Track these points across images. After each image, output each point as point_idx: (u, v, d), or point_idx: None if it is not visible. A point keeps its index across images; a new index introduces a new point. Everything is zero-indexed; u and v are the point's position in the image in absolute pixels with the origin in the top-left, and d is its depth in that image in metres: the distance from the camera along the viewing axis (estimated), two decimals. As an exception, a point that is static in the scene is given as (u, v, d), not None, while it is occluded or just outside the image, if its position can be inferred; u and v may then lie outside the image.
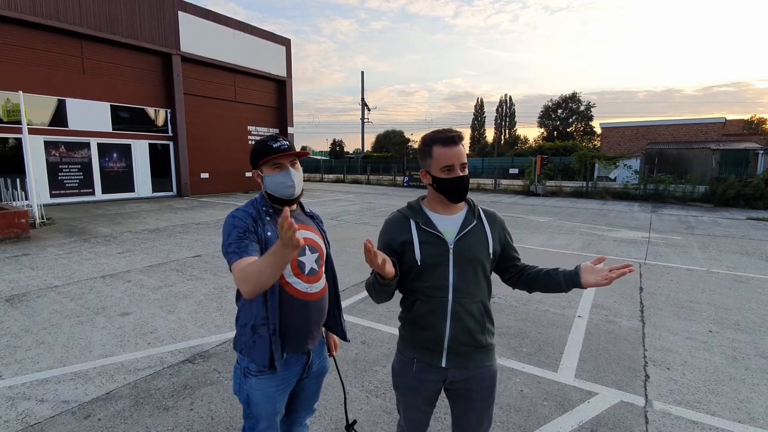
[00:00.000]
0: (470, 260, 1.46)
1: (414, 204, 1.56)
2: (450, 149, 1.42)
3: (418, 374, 1.53)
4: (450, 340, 1.47)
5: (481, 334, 1.50)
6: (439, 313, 1.47)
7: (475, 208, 1.55)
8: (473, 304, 1.48)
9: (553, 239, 8.56)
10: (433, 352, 1.50)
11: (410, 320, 1.54)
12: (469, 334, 1.48)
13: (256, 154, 1.56)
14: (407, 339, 1.57)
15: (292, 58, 21.47)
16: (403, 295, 1.58)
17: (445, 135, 1.43)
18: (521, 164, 29.33)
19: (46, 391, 2.85)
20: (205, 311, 4.39)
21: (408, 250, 1.47)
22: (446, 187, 1.45)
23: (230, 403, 2.73)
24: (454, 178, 1.43)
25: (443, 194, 1.47)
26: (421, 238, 1.47)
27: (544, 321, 4.23)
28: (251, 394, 1.54)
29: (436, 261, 1.45)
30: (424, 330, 1.50)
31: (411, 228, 1.49)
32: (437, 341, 1.48)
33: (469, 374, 1.51)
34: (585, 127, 61.83)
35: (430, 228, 1.47)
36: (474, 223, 1.50)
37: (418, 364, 1.53)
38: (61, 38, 13.41)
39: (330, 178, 31.92)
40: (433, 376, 1.52)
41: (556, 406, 2.75)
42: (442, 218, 1.50)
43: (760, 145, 23.98)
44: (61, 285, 5.18)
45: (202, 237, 8.38)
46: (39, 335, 3.73)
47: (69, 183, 14.02)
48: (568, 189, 19.56)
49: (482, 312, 1.50)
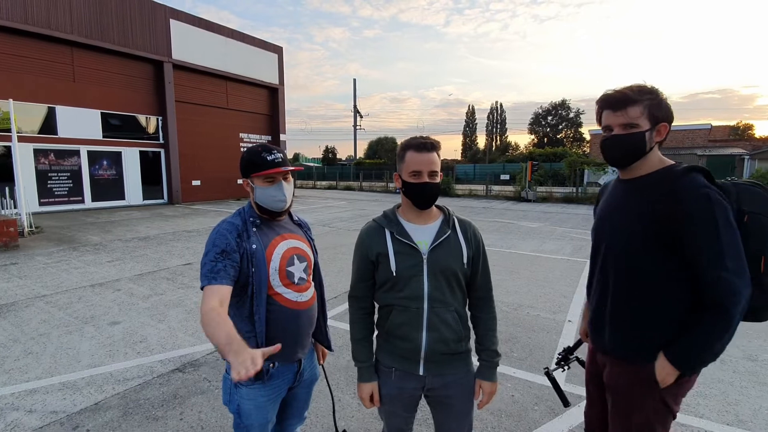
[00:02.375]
0: (444, 271, 1.46)
1: (389, 213, 1.56)
2: (421, 155, 1.43)
3: (397, 383, 1.54)
4: (426, 350, 1.48)
5: (458, 342, 1.51)
6: (414, 323, 1.47)
7: (450, 217, 1.55)
8: (448, 313, 1.48)
9: (544, 244, 8.63)
10: (411, 361, 1.51)
11: (386, 330, 1.53)
12: (444, 342, 1.48)
13: (249, 164, 1.53)
14: (384, 349, 1.57)
15: (284, 65, 21.55)
16: (379, 306, 1.59)
17: (418, 141, 1.46)
18: (512, 170, 29.60)
19: (34, 402, 2.81)
20: (196, 320, 4.36)
21: (383, 261, 1.48)
22: (413, 191, 1.46)
23: (221, 412, 2.71)
24: (419, 184, 1.44)
25: (410, 199, 1.48)
26: (396, 249, 1.47)
27: (535, 326, 4.26)
28: (242, 404, 1.53)
29: (411, 272, 1.46)
30: (401, 340, 1.50)
31: (386, 238, 1.49)
32: (414, 351, 1.49)
33: (446, 380, 1.52)
34: (574, 134, 62.63)
35: (404, 238, 1.47)
36: (448, 233, 1.49)
37: (397, 373, 1.54)
38: (52, 46, 13.35)
39: (322, 184, 31.92)
40: (412, 384, 1.53)
41: (547, 411, 2.77)
42: (416, 228, 1.51)
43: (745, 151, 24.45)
44: (49, 294, 5.12)
45: (193, 245, 8.32)
46: (27, 345, 3.68)
47: (58, 191, 13.88)
48: (559, 195, 19.74)
49: (457, 320, 1.50)
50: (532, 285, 5.71)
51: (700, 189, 1.24)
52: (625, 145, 1.37)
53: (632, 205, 1.39)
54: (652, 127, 1.34)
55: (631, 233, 1.37)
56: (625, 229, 1.39)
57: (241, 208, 1.59)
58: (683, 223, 1.24)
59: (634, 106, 1.32)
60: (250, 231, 1.51)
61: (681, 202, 1.25)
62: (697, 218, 1.23)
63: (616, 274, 1.43)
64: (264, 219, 1.57)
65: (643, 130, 1.33)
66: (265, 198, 1.53)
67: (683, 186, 1.27)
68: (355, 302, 1.61)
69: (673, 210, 1.26)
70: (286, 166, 1.53)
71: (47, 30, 12.91)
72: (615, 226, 1.45)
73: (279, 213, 1.59)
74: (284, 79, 21.57)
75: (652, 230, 1.30)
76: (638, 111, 1.32)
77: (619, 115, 1.35)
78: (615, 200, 1.49)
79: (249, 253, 1.47)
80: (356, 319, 1.60)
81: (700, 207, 1.23)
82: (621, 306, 1.43)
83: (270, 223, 1.59)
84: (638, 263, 1.36)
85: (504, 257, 7.43)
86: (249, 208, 1.58)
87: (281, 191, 1.53)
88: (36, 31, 12.69)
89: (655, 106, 1.33)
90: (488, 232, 10.19)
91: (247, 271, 1.46)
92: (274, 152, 1.52)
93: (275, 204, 1.54)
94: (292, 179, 1.59)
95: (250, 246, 1.47)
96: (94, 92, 14.50)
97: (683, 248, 1.27)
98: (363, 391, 1.57)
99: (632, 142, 1.35)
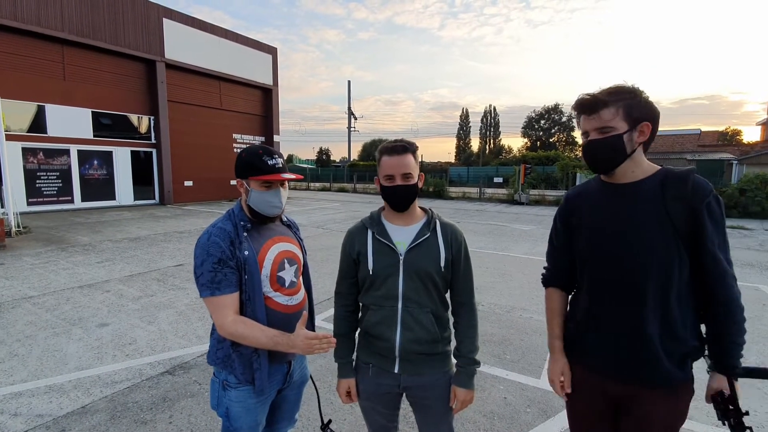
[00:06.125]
0: (418, 272, 1.49)
1: (374, 214, 1.62)
2: (391, 158, 1.48)
3: (374, 378, 1.59)
4: (401, 349, 1.50)
5: (432, 343, 1.51)
6: (389, 321, 1.51)
7: (432, 220, 1.56)
8: (423, 314, 1.50)
9: (536, 247, 8.67)
10: (387, 359, 1.55)
11: (364, 328, 1.59)
12: (418, 342, 1.50)
13: (247, 166, 1.48)
14: (362, 345, 1.63)
15: (278, 66, 21.47)
16: (362, 306, 1.63)
17: (390, 145, 1.51)
18: (506, 173, 29.76)
19: (19, 405, 2.75)
20: (187, 321, 4.31)
21: (362, 260, 1.54)
22: (387, 194, 1.52)
23: (210, 415, 2.67)
24: (392, 187, 1.49)
25: (386, 201, 1.54)
26: (375, 248, 1.52)
27: (528, 328, 4.27)
28: (231, 407, 1.51)
29: (387, 272, 1.50)
30: (376, 338, 1.54)
31: (367, 238, 1.55)
32: (389, 349, 1.52)
33: (423, 381, 1.54)
34: (567, 138, 63.22)
35: (383, 238, 1.52)
36: (427, 235, 1.51)
37: (374, 369, 1.58)
38: (42, 43, 13.17)
39: (316, 186, 31.79)
40: (388, 381, 1.56)
41: (539, 413, 2.77)
42: (397, 229, 1.55)
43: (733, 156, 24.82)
44: (36, 295, 5.03)
45: (185, 246, 8.24)
46: (13, 347, 3.61)
47: (47, 190, 13.68)
48: (551, 198, 19.86)
49: (433, 322, 1.51)
50: (525, 288, 5.72)
51: (710, 187, 1.26)
52: (602, 149, 1.33)
53: (646, 212, 1.30)
54: (631, 128, 1.30)
55: (660, 242, 1.27)
56: (654, 238, 1.28)
57: (230, 210, 1.55)
58: (704, 222, 1.24)
59: (605, 108, 1.29)
60: (242, 237, 1.47)
61: (701, 202, 1.24)
62: (715, 215, 1.25)
63: (661, 291, 1.28)
64: (254, 222, 1.55)
65: (620, 132, 1.29)
66: (260, 202, 1.50)
67: (699, 185, 1.26)
68: (339, 298, 1.66)
69: (694, 210, 1.24)
70: (286, 173, 1.51)
71: (37, 27, 12.75)
72: (639, 239, 1.30)
73: (272, 218, 1.57)
74: (278, 80, 21.50)
75: (676, 234, 1.26)
76: (611, 113, 1.29)
77: (593, 119, 1.32)
78: (613, 210, 1.36)
79: (242, 261, 1.45)
80: (338, 315, 1.67)
81: (716, 204, 1.25)
82: (669, 325, 1.29)
83: (260, 227, 1.56)
84: (675, 273, 1.27)
85: (497, 260, 7.45)
86: (239, 210, 1.54)
87: (277, 197, 1.51)
88: (26, 28, 12.51)
89: (632, 105, 1.29)
90: (481, 234, 10.22)
91: (240, 279, 1.46)
92: (275, 157, 1.50)
93: (270, 210, 1.52)
94: (287, 184, 1.58)
95: (242, 253, 1.45)
96: (84, 91, 14.33)
97: (699, 247, 1.26)
98: (340, 387, 1.64)
99: (609, 145, 1.31)
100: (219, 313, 1.42)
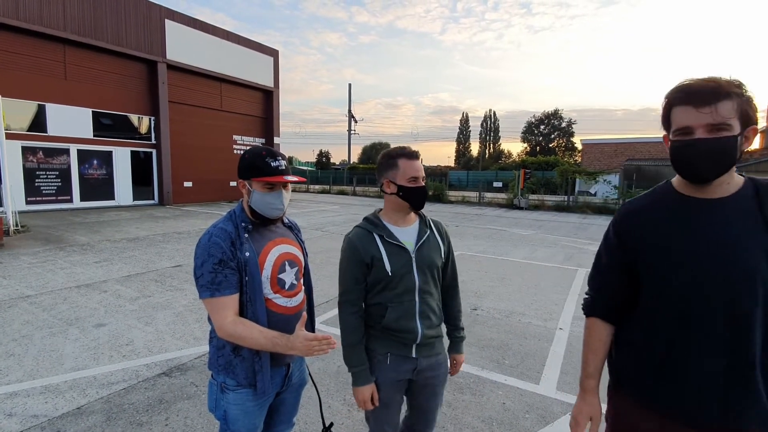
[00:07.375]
0: (429, 266, 1.66)
1: (373, 218, 1.69)
2: (415, 162, 1.63)
3: (393, 366, 1.65)
4: (422, 336, 1.64)
5: (439, 326, 1.74)
6: (410, 314, 1.63)
7: (426, 219, 1.75)
8: (433, 302, 1.69)
9: (535, 252, 8.67)
10: (406, 346, 1.66)
11: (383, 326, 1.64)
12: (432, 327, 1.68)
13: (251, 167, 1.47)
14: (380, 339, 1.67)
15: (279, 68, 21.51)
16: (372, 306, 1.67)
17: (409, 150, 1.64)
18: (505, 178, 29.74)
19: (14, 405, 2.73)
20: (184, 323, 4.29)
21: (377, 263, 1.60)
22: (413, 195, 1.62)
23: (207, 417, 2.65)
24: (418, 188, 1.62)
25: (408, 201, 1.63)
26: (388, 251, 1.62)
27: (527, 333, 4.25)
28: (229, 410, 1.50)
29: (403, 270, 1.62)
30: (400, 332, 1.63)
31: (377, 242, 1.62)
32: (412, 339, 1.64)
33: (431, 361, 1.70)
34: (566, 143, 63.36)
35: (393, 240, 1.63)
36: (428, 233, 1.70)
37: (392, 357, 1.65)
38: (44, 43, 13.18)
39: (316, 188, 31.79)
40: (406, 366, 1.67)
41: (538, 419, 2.76)
42: (400, 230, 1.67)
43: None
44: (33, 295, 5.01)
45: (183, 246, 8.22)
46: (8, 347, 3.59)
47: (46, 190, 13.65)
48: (550, 203, 19.89)
49: (439, 307, 1.74)
50: (524, 292, 5.71)
51: None
52: (713, 152, 1.04)
53: (746, 229, 1.08)
54: (742, 132, 1.05)
55: (766, 263, 1.06)
56: (759, 259, 1.06)
57: (231, 210, 1.54)
58: None
59: (726, 100, 1.02)
60: (243, 238, 1.46)
61: None
62: None
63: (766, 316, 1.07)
64: (256, 224, 1.54)
65: (735, 133, 1.03)
66: (261, 204, 1.49)
67: None
68: (350, 306, 1.66)
69: None
70: (289, 175, 1.51)
71: (39, 26, 12.76)
72: (743, 260, 1.07)
73: (273, 220, 1.56)
74: (279, 82, 21.53)
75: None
76: (730, 108, 1.02)
77: (707, 112, 1.03)
78: (706, 229, 1.12)
79: (242, 262, 1.44)
80: (350, 323, 1.66)
81: None
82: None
83: (261, 228, 1.55)
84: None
85: (496, 264, 7.44)
86: (241, 211, 1.53)
87: (280, 199, 1.50)
88: (27, 27, 12.52)
89: (749, 103, 1.04)
90: (481, 238, 10.22)
91: (240, 280, 1.45)
92: (279, 158, 1.49)
93: (272, 212, 1.51)
94: (290, 187, 1.57)
95: (243, 254, 1.44)
96: (85, 90, 14.33)
97: None
98: (362, 394, 1.62)
99: (722, 148, 1.03)
100: (218, 314, 1.41)
